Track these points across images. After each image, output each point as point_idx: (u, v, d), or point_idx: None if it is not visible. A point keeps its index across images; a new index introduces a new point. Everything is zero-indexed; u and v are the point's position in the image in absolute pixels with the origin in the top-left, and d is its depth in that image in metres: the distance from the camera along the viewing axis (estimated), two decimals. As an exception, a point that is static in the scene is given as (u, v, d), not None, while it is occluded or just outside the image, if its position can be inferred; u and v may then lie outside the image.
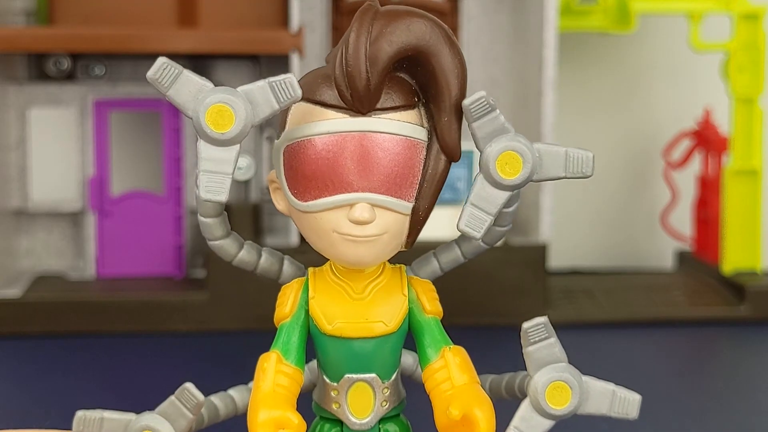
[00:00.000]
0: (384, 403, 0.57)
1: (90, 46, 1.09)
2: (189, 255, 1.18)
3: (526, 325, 0.53)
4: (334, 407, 0.57)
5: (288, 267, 0.59)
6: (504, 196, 0.52)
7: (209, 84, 0.52)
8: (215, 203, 0.54)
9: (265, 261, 0.59)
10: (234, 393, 0.62)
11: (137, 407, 0.59)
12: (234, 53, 1.15)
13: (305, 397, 0.58)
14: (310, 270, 0.58)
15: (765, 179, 1.19)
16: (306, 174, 0.53)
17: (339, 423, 0.57)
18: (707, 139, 1.25)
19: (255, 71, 1.18)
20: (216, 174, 0.52)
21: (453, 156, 0.53)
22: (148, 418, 0.56)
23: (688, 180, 1.33)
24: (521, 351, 0.54)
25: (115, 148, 1.16)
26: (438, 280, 0.60)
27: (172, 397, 0.56)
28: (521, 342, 0.54)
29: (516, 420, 0.54)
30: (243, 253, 0.58)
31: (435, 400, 0.55)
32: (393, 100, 0.53)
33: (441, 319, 0.57)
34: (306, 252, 0.59)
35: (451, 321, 0.57)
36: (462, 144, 0.54)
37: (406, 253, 0.56)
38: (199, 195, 0.52)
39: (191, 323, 1.07)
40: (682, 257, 1.31)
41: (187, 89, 0.51)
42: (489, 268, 1.09)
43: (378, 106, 0.52)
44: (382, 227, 0.53)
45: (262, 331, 0.64)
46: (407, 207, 0.53)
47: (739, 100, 1.17)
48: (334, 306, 0.56)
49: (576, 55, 1.35)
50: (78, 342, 1.03)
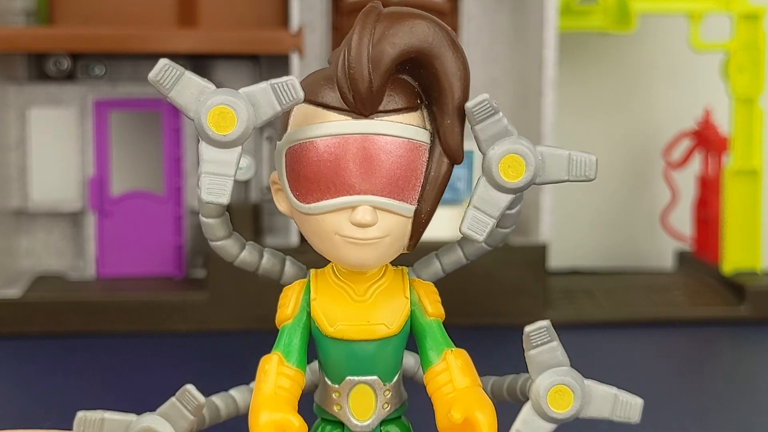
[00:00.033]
0: (385, 406, 0.57)
1: (90, 46, 1.09)
2: (189, 255, 1.18)
3: (528, 329, 0.53)
4: (335, 409, 0.57)
5: (290, 268, 0.59)
6: (507, 199, 0.52)
7: (211, 86, 0.51)
8: (217, 205, 0.53)
9: (267, 262, 0.59)
10: (235, 393, 0.62)
11: (137, 407, 0.59)
12: (234, 53, 1.15)
13: (306, 399, 0.58)
14: (311, 271, 0.58)
15: (765, 179, 1.19)
16: (308, 176, 0.53)
17: (340, 425, 0.57)
18: (707, 139, 1.25)
19: (255, 71, 1.18)
20: (218, 176, 0.52)
21: (456, 158, 0.53)
22: (149, 419, 0.56)
23: (688, 180, 1.33)
24: (521, 351, 0.54)
25: (115, 148, 1.16)
26: (438, 279, 0.59)
27: (172, 399, 0.56)
28: (523, 345, 0.54)
29: (518, 423, 0.54)
30: (245, 254, 0.58)
31: (437, 402, 0.55)
32: (395, 102, 0.53)
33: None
34: (306, 252, 0.59)
35: (451, 321, 0.57)
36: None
37: (408, 254, 0.56)
38: (201, 197, 0.52)
39: (191, 323, 1.07)
40: (682, 257, 1.31)
41: (189, 91, 0.51)
42: (489, 268, 1.09)
43: (380, 108, 0.52)
44: (384, 230, 0.53)
45: (262, 331, 0.64)
46: (409, 209, 0.53)
47: (739, 100, 1.17)
48: (335, 308, 0.56)
49: (576, 55, 1.34)
50: (78, 342, 1.03)
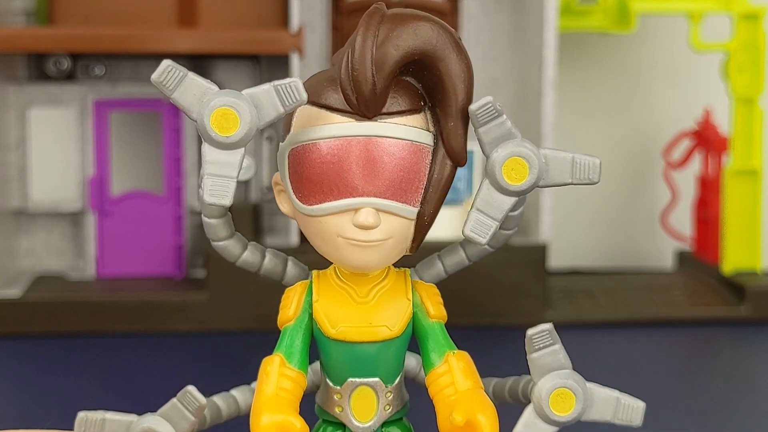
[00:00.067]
0: (387, 407, 0.56)
1: (90, 46, 1.09)
2: (189, 255, 1.18)
3: (530, 332, 0.53)
4: (337, 411, 0.57)
5: (292, 268, 0.59)
6: (510, 201, 0.52)
7: (214, 87, 0.51)
8: (220, 206, 0.53)
9: (269, 262, 0.58)
10: (236, 393, 0.62)
11: (137, 407, 0.59)
12: (234, 53, 1.15)
13: (308, 400, 0.58)
14: (314, 273, 0.57)
15: (765, 179, 1.19)
16: (311, 178, 0.52)
17: (342, 426, 0.57)
18: (707, 139, 1.26)
19: (255, 71, 1.18)
20: (221, 177, 0.51)
21: (459, 161, 0.53)
22: (149, 419, 0.56)
23: (688, 180, 1.33)
24: (522, 351, 0.54)
25: (115, 148, 1.16)
26: (440, 281, 0.59)
27: (174, 400, 0.56)
28: (525, 348, 0.53)
29: (519, 426, 0.54)
30: (247, 254, 0.58)
31: (438, 405, 0.55)
32: (399, 104, 0.52)
33: (442, 321, 0.58)
34: (306, 252, 0.59)
35: (451, 321, 0.57)
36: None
37: (409, 255, 0.56)
38: (204, 199, 0.52)
39: (191, 323, 1.07)
40: (682, 257, 1.31)
41: (192, 92, 0.51)
42: (489, 268, 1.09)
43: (384, 110, 0.52)
44: (387, 232, 0.52)
45: (262, 331, 0.64)
46: (412, 212, 0.53)
47: (739, 100, 1.17)
48: (337, 310, 0.55)
49: (576, 55, 1.34)
50: (78, 342, 1.03)
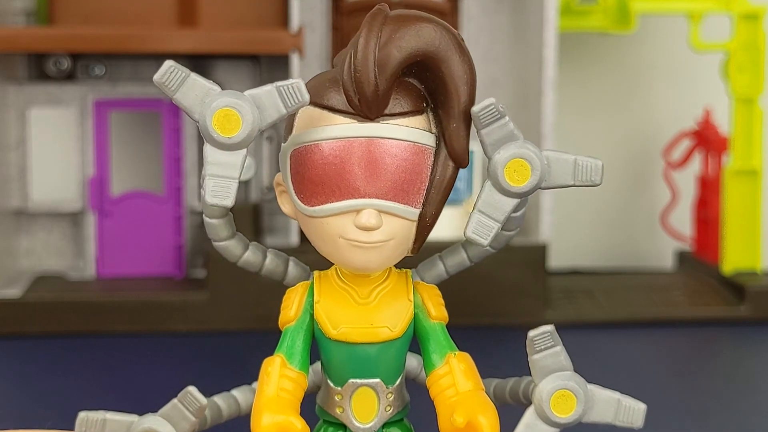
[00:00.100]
0: (388, 408, 0.57)
1: (90, 46, 1.09)
2: (189, 255, 1.18)
3: (532, 333, 0.53)
4: (337, 411, 0.57)
5: (293, 268, 0.59)
6: (512, 203, 0.52)
7: (216, 88, 0.51)
8: (221, 207, 0.53)
9: (270, 262, 0.58)
10: (237, 393, 0.62)
11: (137, 407, 0.59)
12: (234, 53, 1.15)
13: (308, 400, 0.58)
14: (315, 273, 0.57)
15: (765, 179, 1.19)
16: (313, 179, 0.52)
17: (342, 427, 0.57)
18: (707, 139, 1.25)
19: (255, 71, 1.18)
20: (222, 178, 0.51)
21: (461, 162, 0.53)
22: (150, 420, 0.56)
23: (688, 180, 1.33)
24: (522, 351, 0.54)
25: (115, 148, 1.16)
26: (441, 282, 0.59)
27: (174, 400, 0.56)
28: (527, 350, 0.53)
29: (520, 427, 0.54)
30: (248, 254, 0.58)
31: (439, 406, 0.55)
32: (401, 105, 0.52)
33: (443, 321, 0.58)
34: (307, 252, 0.59)
35: (451, 321, 0.57)
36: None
37: (410, 256, 0.56)
38: (205, 199, 0.52)
39: (191, 323, 1.07)
40: (682, 257, 1.31)
41: (194, 93, 0.51)
42: (489, 268, 1.08)
43: (386, 111, 0.52)
44: (388, 233, 0.53)
45: (262, 331, 0.64)
46: (414, 213, 0.53)
47: (739, 100, 1.17)
48: (339, 310, 0.55)
49: (576, 55, 1.34)
50: (78, 342, 1.03)
